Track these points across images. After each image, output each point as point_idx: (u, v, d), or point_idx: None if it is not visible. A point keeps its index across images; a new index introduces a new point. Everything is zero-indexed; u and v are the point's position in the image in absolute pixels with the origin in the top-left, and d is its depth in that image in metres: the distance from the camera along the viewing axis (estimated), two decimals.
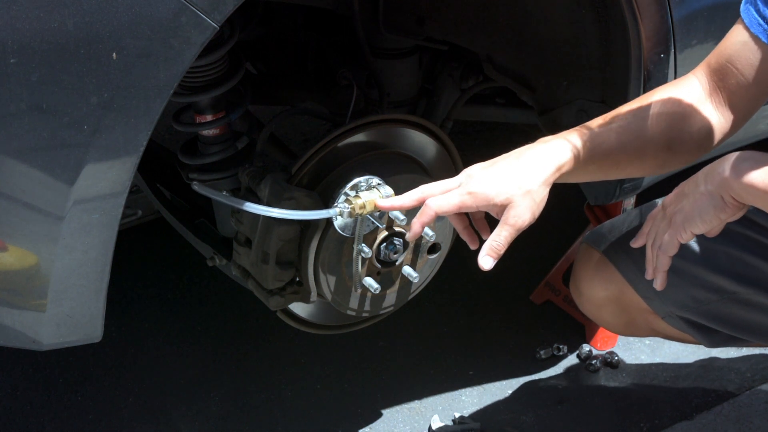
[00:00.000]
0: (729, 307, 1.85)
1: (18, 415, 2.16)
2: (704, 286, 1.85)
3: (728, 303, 1.85)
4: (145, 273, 2.59)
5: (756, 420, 2.15)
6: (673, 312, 1.91)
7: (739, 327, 1.88)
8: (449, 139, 1.94)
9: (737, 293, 1.83)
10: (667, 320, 1.94)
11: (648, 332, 2.05)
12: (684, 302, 1.88)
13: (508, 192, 1.50)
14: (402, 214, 1.76)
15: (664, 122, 1.58)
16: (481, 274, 1.53)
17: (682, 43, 1.73)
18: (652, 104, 1.59)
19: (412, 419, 2.18)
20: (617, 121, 1.58)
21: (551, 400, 2.22)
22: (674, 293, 1.87)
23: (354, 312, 1.87)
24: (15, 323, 1.52)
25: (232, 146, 1.84)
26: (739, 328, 1.88)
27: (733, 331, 1.89)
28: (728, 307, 1.85)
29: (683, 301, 1.88)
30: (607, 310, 2.00)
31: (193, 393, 2.23)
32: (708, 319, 1.89)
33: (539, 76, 1.97)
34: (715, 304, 1.85)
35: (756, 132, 2.08)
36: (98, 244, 1.43)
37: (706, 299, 1.86)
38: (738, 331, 1.89)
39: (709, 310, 1.86)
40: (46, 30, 1.24)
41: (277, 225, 1.71)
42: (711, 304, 1.86)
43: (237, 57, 1.78)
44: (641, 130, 1.58)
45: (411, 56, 2.09)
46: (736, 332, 1.89)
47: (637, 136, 1.58)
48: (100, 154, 1.33)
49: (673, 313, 1.91)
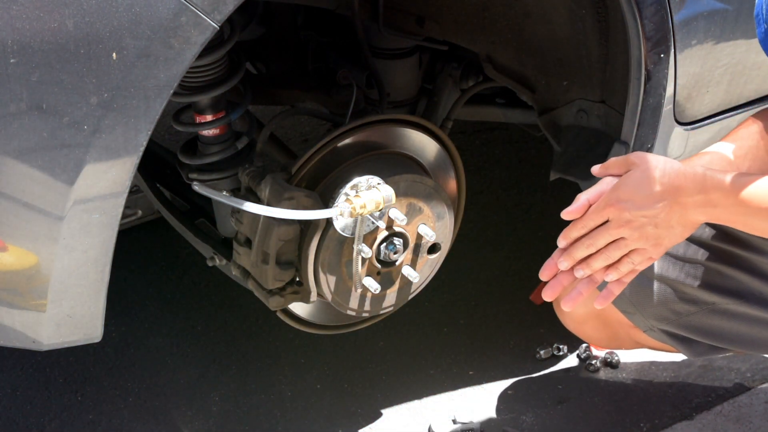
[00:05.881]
0: (709, 318, 1.86)
1: (18, 415, 2.16)
2: (683, 298, 1.86)
3: (707, 314, 1.86)
4: (145, 273, 2.59)
5: (756, 420, 2.15)
6: (654, 325, 1.92)
7: (719, 337, 1.89)
8: (449, 139, 1.94)
9: (715, 304, 1.84)
10: (648, 333, 1.95)
11: (632, 345, 2.07)
12: (664, 315, 1.89)
13: None
14: (402, 214, 1.76)
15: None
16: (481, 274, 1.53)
17: (682, 43, 1.73)
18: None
19: (412, 419, 2.18)
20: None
21: (551, 400, 2.22)
22: (653, 307, 1.88)
23: (354, 312, 1.87)
24: (15, 323, 1.52)
25: (232, 146, 1.84)
26: (719, 338, 1.89)
27: (714, 341, 1.91)
28: (708, 317, 1.86)
29: (663, 314, 1.89)
30: (590, 325, 2.02)
31: (193, 393, 2.23)
32: (688, 330, 1.90)
33: (539, 76, 1.97)
34: (695, 315, 1.86)
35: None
36: (98, 244, 1.43)
37: (686, 311, 1.87)
38: (718, 341, 1.90)
39: (689, 321, 1.87)
40: (46, 30, 1.25)
41: (277, 225, 1.71)
42: (690, 316, 1.87)
43: (237, 57, 1.78)
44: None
45: (411, 56, 2.09)
46: (716, 342, 1.91)
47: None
48: (100, 154, 1.33)
49: (654, 326, 1.93)
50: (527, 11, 1.88)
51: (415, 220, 1.82)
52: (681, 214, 1.44)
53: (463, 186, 2.01)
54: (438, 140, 1.92)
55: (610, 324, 1.99)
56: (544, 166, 2.08)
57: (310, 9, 2.16)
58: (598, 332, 2.04)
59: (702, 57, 1.79)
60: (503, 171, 3.03)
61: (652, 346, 2.07)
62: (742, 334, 1.87)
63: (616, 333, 2.02)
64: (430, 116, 2.14)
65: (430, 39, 2.05)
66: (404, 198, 1.79)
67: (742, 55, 1.83)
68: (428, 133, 1.90)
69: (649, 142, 1.82)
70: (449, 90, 2.15)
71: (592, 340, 2.15)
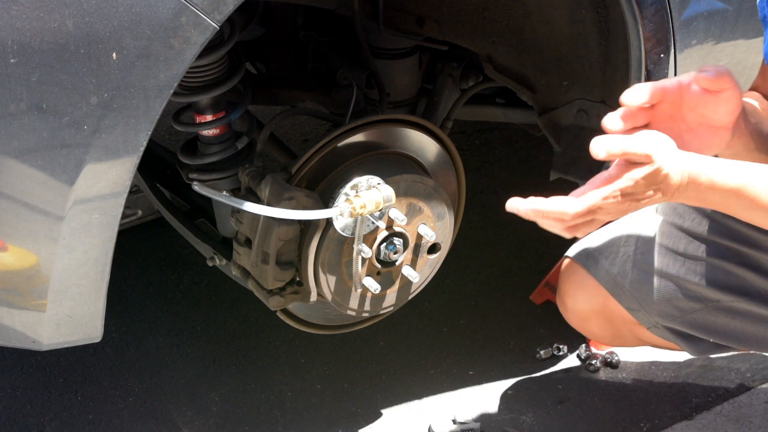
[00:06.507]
0: (713, 316, 1.86)
1: (18, 415, 2.16)
2: (687, 295, 1.86)
3: (712, 311, 1.86)
4: (145, 273, 2.59)
5: (756, 420, 2.15)
6: (658, 322, 1.92)
7: (724, 335, 1.89)
8: (449, 139, 1.94)
9: (720, 301, 1.84)
10: (652, 330, 1.95)
11: (636, 342, 2.07)
12: (668, 312, 1.89)
13: None
14: (402, 214, 1.76)
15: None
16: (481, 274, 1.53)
17: (682, 44, 1.73)
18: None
19: (412, 419, 2.18)
20: None
21: (551, 400, 2.22)
22: (657, 303, 1.88)
23: (354, 312, 1.87)
24: (15, 323, 1.52)
25: (232, 146, 1.84)
26: (724, 335, 1.89)
27: (718, 339, 1.91)
28: (712, 315, 1.86)
29: (667, 311, 1.89)
30: (593, 322, 2.02)
31: (193, 393, 2.23)
32: (693, 328, 1.90)
33: (539, 76, 1.97)
34: (699, 312, 1.87)
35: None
36: (98, 244, 1.43)
37: (690, 308, 1.87)
38: (722, 338, 1.90)
39: (693, 319, 1.88)
40: (46, 30, 1.25)
41: (277, 225, 1.71)
42: (695, 313, 1.87)
43: (237, 57, 1.78)
44: None
45: (411, 56, 2.10)
46: (720, 340, 1.91)
47: None
48: (100, 154, 1.33)
49: (658, 323, 1.93)
50: (527, 11, 1.88)
51: (415, 220, 1.82)
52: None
53: (463, 186, 2.01)
54: (438, 140, 1.92)
55: (614, 321, 1.99)
56: (544, 166, 2.08)
57: (310, 9, 2.17)
58: (601, 329, 2.04)
59: (702, 57, 1.79)
60: (503, 171, 3.03)
61: (655, 344, 2.07)
62: (747, 332, 1.87)
63: (619, 330, 2.02)
64: (430, 116, 2.14)
65: (430, 39, 2.05)
66: (404, 198, 1.79)
67: (742, 55, 1.83)
68: (428, 133, 1.90)
69: None
70: (449, 90, 2.15)
71: (595, 337, 2.14)
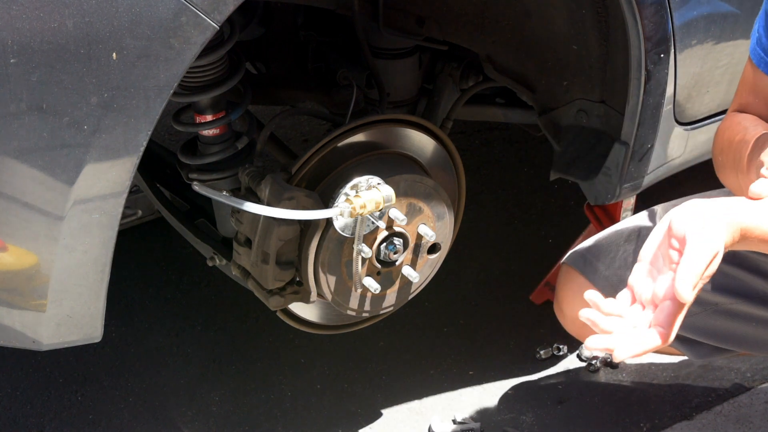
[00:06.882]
0: (712, 319, 1.86)
1: (18, 415, 2.16)
2: None
3: (711, 314, 1.86)
4: (145, 273, 2.59)
5: (756, 420, 2.15)
6: None
7: (724, 338, 1.89)
8: (449, 139, 1.94)
9: (719, 304, 1.84)
10: None
11: None
12: None
13: None
14: (402, 214, 1.76)
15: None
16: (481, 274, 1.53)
17: (682, 44, 1.73)
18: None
19: (412, 419, 2.18)
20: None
21: (551, 400, 2.22)
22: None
23: (354, 312, 1.87)
24: (15, 323, 1.52)
25: (232, 146, 1.84)
26: (724, 338, 1.89)
27: (718, 342, 1.90)
28: (712, 318, 1.86)
29: None
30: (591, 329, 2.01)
31: (193, 393, 2.23)
32: (692, 332, 1.89)
33: (539, 76, 1.97)
34: (699, 316, 1.86)
35: None
36: (98, 244, 1.43)
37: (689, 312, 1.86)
38: (722, 341, 1.90)
39: (693, 322, 1.87)
40: (46, 30, 1.24)
41: (277, 225, 1.71)
42: (694, 317, 1.86)
43: (237, 57, 1.78)
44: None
45: (411, 56, 2.09)
46: (720, 343, 1.90)
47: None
48: (100, 154, 1.33)
49: None
50: (527, 11, 1.88)
51: (415, 220, 1.82)
52: None
53: (463, 186, 2.01)
54: (438, 140, 1.92)
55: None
56: (544, 166, 2.08)
57: (310, 9, 2.17)
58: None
59: (702, 57, 1.79)
60: (503, 171, 3.03)
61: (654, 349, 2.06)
62: (747, 335, 1.87)
63: None
64: (430, 116, 2.14)
65: (430, 39, 2.05)
66: (404, 198, 1.79)
67: (742, 55, 1.83)
68: (428, 133, 1.90)
69: (649, 142, 1.82)
70: (449, 90, 2.15)
71: None
